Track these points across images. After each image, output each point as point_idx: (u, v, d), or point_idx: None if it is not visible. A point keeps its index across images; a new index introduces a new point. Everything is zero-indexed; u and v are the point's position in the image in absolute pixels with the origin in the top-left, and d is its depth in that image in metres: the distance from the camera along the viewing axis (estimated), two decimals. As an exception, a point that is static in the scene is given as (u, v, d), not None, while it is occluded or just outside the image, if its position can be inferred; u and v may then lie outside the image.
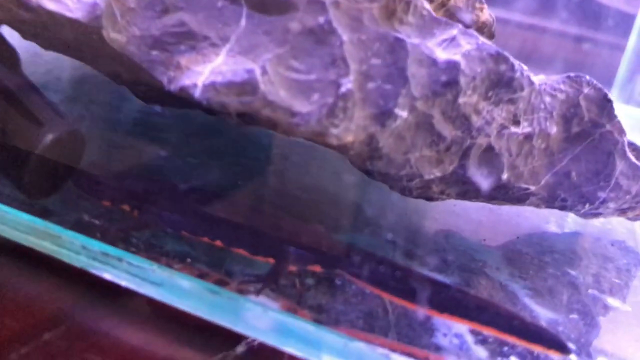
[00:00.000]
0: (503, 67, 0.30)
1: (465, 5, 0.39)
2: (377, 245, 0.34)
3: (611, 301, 0.33)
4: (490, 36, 0.42)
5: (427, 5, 0.30)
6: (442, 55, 0.29)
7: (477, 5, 0.40)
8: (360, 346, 0.25)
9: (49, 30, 0.29)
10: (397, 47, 0.27)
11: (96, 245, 0.28)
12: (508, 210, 0.42)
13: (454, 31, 0.29)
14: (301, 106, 0.26)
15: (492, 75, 0.30)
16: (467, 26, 0.39)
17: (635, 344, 0.31)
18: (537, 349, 0.27)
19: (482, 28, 0.41)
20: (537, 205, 0.35)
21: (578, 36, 0.82)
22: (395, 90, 0.27)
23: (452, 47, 0.29)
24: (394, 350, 0.25)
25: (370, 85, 0.27)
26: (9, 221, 0.29)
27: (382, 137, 0.28)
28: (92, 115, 0.41)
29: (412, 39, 0.28)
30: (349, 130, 0.27)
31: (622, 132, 0.33)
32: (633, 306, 0.33)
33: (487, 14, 0.40)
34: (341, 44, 0.26)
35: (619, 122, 0.33)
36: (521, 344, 0.27)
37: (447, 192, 0.34)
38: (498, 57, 0.29)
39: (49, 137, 0.29)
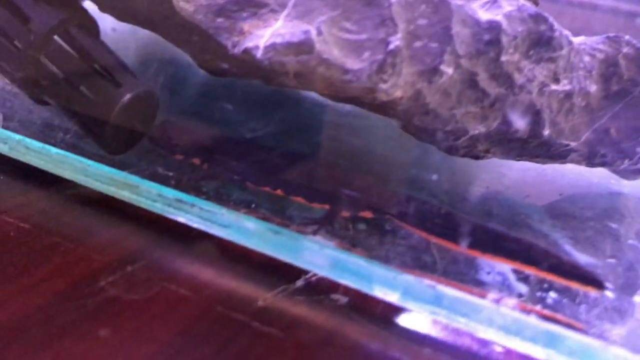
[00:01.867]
0: (543, 27, 0.32)
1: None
2: (424, 200, 0.36)
3: (650, 250, 0.35)
4: (535, 4, 0.43)
5: (471, -30, 0.32)
6: (484, 15, 0.31)
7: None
8: (408, 278, 0.27)
9: (124, 2, 0.33)
10: (442, 8, 0.30)
11: (171, 193, 0.32)
12: (553, 172, 0.43)
13: (496, -7, 0.31)
14: (353, 63, 0.29)
15: (532, 35, 0.31)
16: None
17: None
18: (574, 285, 0.29)
19: (527, -4, 0.42)
20: (578, 162, 0.36)
21: (631, 12, 0.81)
22: (441, 48, 0.30)
23: (494, 8, 0.31)
24: (439, 282, 0.27)
25: (417, 44, 0.29)
26: (93, 174, 0.33)
27: (429, 93, 0.30)
28: (166, 77, 0.44)
29: (456, 0, 0.30)
30: (397, 85, 0.29)
31: (661, 89, 0.35)
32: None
33: (531, -18, 0.42)
34: (389, 6, 0.29)
35: (658, 79, 0.34)
36: (559, 281, 0.29)
37: (492, 151, 0.36)
38: (538, 18, 0.31)
39: (127, 97, 0.33)
